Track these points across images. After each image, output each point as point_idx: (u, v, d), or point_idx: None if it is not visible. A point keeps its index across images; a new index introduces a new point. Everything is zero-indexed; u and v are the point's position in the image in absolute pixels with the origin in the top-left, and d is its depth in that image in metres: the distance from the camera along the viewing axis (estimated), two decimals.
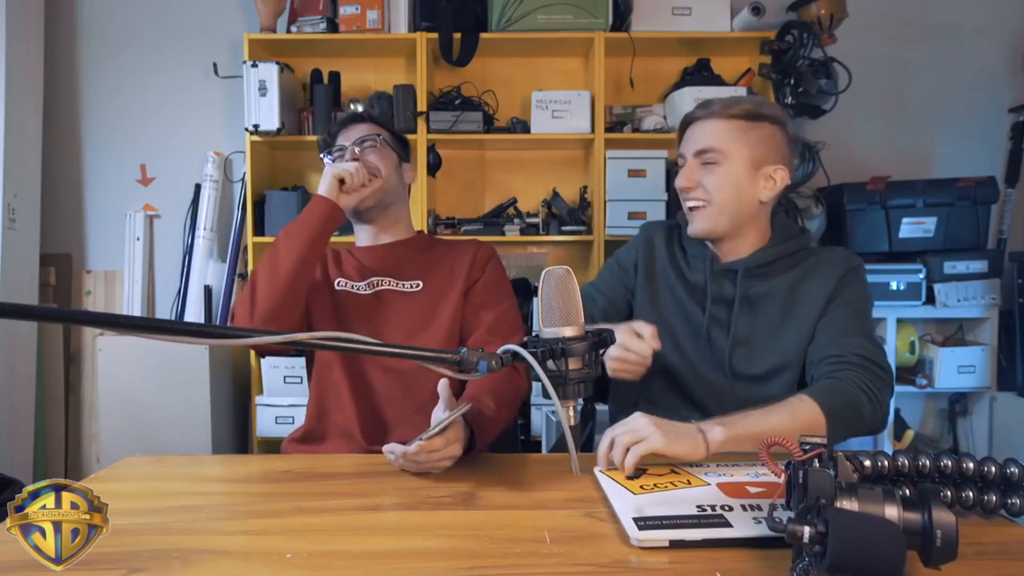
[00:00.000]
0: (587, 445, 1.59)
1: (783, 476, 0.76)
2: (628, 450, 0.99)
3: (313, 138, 2.66)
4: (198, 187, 2.83)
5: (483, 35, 2.62)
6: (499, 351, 0.90)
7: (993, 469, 0.82)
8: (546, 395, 0.87)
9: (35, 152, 2.77)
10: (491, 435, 1.17)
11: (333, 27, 2.64)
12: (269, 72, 2.53)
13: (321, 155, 1.55)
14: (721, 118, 1.30)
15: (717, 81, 2.71)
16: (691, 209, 1.33)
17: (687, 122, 1.36)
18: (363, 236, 1.55)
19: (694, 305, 1.36)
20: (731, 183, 1.29)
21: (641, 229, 1.51)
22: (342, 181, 1.38)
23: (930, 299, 2.61)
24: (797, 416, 1.10)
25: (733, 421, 1.05)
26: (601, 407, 1.61)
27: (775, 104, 1.37)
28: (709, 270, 1.36)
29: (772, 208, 1.37)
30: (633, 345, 1.15)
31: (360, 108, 1.53)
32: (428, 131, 2.62)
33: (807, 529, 0.62)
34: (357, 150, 1.47)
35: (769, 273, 1.34)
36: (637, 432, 1.00)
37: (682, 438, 1.00)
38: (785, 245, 1.35)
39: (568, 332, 0.88)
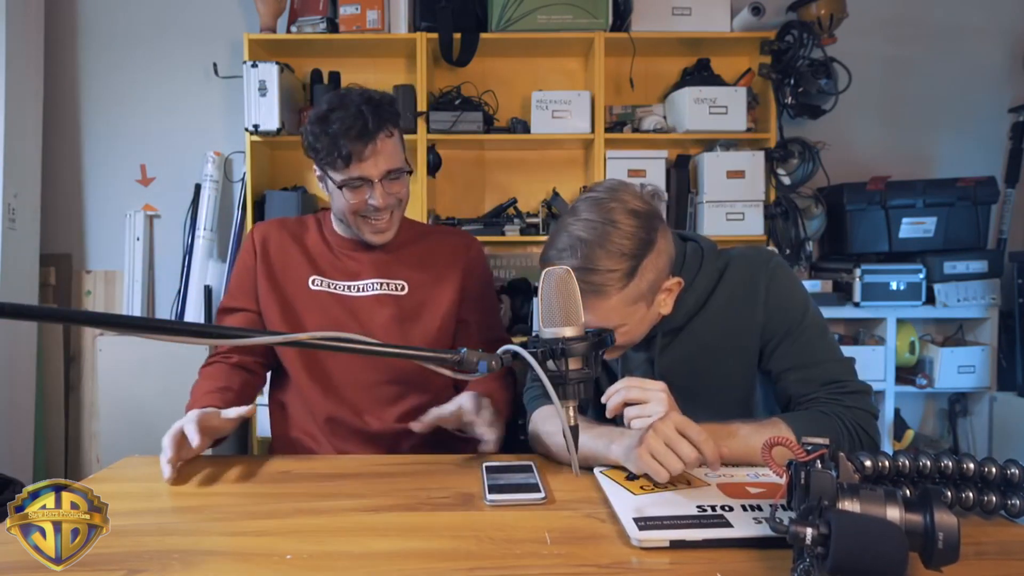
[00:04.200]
0: None
1: (785, 477, 0.76)
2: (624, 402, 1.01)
3: None
4: (198, 187, 2.83)
5: (483, 35, 2.62)
6: (499, 351, 0.90)
7: (993, 470, 0.82)
8: (546, 395, 0.86)
9: (35, 152, 2.76)
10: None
11: (333, 27, 2.64)
12: (269, 72, 2.53)
13: (321, 169, 1.31)
14: (609, 295, 1.03)
15: (717, 81, 2.70)
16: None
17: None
18: (349, 231, 1.40)
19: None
20: (641, 328, 1.12)
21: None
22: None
23: (930, 299, 2.61)
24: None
25: (726, 439, 0.98)
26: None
27: (637, 197, 1.07)
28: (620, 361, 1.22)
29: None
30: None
31: (358, 93, 1.27)
32: (428, 131, 2.62)
33: (810, 530, 0.62)
34: (380, 195, 1.28)
35: (683, 326, 1.17)
36: (647, 393, 1.00)
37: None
38: (693, 291, 1.15)
39: (568, 332, 0.88)
